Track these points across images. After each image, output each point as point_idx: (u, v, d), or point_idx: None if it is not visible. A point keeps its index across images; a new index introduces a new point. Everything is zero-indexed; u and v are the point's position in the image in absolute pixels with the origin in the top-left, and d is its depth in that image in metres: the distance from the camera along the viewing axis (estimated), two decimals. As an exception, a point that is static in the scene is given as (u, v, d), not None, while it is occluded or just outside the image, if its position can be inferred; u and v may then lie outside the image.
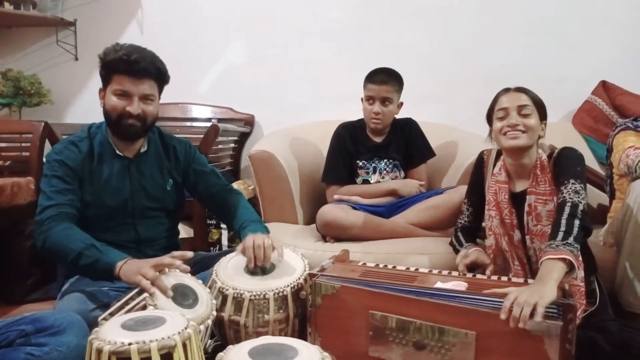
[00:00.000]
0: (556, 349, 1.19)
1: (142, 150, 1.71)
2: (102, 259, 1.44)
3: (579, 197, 1.48)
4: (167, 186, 1.75)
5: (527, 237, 1.62)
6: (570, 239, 1.38)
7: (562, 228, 1.42)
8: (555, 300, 1.25)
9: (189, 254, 1.49)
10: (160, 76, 1.64)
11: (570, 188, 1.50)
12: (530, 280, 1.43)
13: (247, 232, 1.64)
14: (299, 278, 1.56)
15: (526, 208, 1.61)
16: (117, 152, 1.67)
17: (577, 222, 1.43)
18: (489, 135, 1.71)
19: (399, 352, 1.37)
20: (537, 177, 1.61)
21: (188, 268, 1.47)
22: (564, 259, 1.34)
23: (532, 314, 1.20)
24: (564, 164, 1.58)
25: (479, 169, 1.80)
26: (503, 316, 1.23)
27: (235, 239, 1.73)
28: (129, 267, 1.41)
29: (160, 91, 1.69)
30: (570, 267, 1.35)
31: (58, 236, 1.47)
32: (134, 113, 1.59)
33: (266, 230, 1.69)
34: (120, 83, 1.58)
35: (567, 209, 1.46)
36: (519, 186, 1.67)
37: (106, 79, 1.61)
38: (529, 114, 1.61)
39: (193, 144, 1.86)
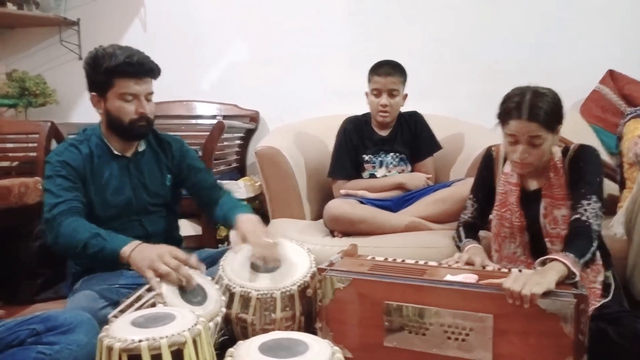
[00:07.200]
0: (572, 326, 1.20)
1: (140, 149, 1.74)
2: (108, 247, 1.45)
3: (597, 221, 1.45)
4: (166, 181, 1.78)
5: (547, 239, 1.58)
6: (582, 261, 1.36)
7: (578, 250, 1.38)
8: (568, 290, 1.25)
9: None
10: (158, 73, 1.68)
11: (592, 209, 1.45)
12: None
13: (236, 212, 1.68)
14: (306, 276, 1.55)
15: (542, 210, 1.57)
16: (115, 152, 1.68)
17: (592, 248, 1.41)
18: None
19: (416, 340, 1.36)
20: (551, 179, 1.56)
21: (203, 267, 1.51)
22: (567, 266, 1.31)
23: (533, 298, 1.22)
24: (585, 173, 1.51)
25: (487, 165, 1.73)
26: (510, 300, 1.25)
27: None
28: (141, 255, 1.41)
29: None
30: (570, 276, 1.33)
31: (67, 229, 1.49)
32: (147, 112, 1.62)
33: (249, 209, 1.73)
34: (126, 86, 1.59)
35: (588, 234, 1.42)
36: (533, 184, 1.61)
37: (106, 84, 1.61)
38: (540, 143, 1.50)
39: (184, 141, 1.89)
